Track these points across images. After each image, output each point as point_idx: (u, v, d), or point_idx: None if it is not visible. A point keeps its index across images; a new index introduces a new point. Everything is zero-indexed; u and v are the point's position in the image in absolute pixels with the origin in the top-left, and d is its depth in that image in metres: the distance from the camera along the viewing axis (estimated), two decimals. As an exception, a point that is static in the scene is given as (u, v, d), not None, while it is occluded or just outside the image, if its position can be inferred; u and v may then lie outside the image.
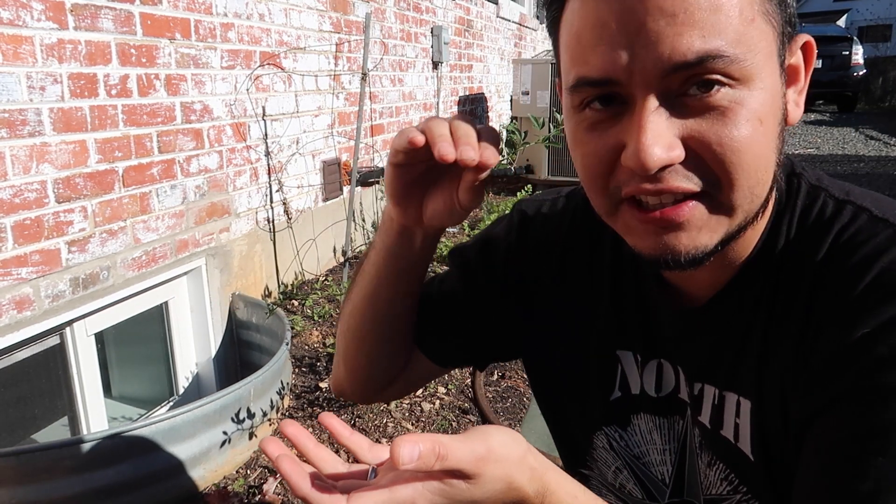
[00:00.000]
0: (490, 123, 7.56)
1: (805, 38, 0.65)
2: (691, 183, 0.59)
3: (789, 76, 0.64)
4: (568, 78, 0.62)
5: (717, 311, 0.73)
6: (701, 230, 0.61)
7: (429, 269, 0.86)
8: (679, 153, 0.58)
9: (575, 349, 0.86)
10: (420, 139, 0.67)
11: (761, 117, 0.58)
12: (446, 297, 0.92)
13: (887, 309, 0.59)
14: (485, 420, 2.55)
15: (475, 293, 0.91)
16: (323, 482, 0.56)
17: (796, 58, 0.65)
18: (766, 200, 0.65)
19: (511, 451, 0.58)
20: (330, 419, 0.64)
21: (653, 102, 0.57)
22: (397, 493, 0.52)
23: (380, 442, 2.35)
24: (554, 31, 0.67)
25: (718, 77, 0.56)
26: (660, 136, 0.57)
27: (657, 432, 0.82)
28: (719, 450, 0.75)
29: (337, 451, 2.28)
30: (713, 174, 0.59)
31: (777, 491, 0.70)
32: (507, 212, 0.97)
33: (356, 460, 0.64)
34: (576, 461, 0.91)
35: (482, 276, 0.91)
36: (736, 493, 0.75)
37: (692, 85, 0.57)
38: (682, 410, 0.79)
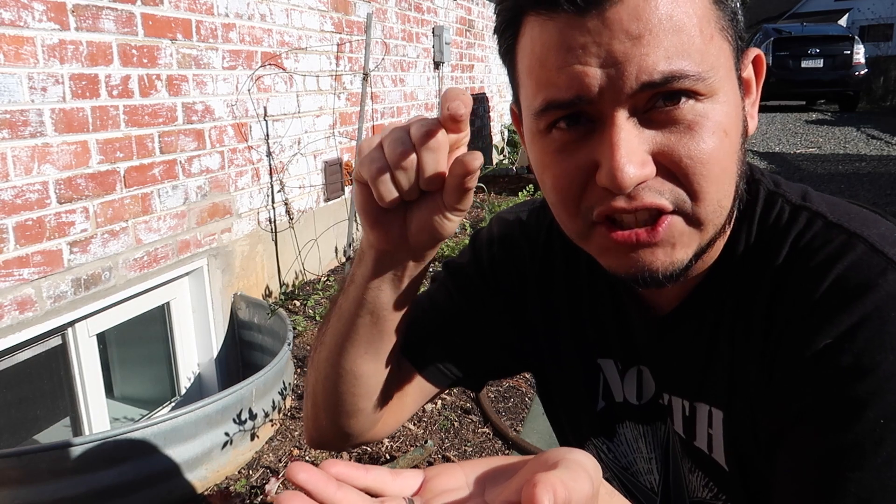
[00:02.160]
0: (492, 123, 7.56)
1: (755, 52, 0.67)
2: (664, 199, 0.59)
3: (745, 88, 0.66)
4: (534, 103, 0.62)
5: (681, 320, 0.73)
6: (675, 246, 0.61)
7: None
8: (651, 169, 0.58)
9: (559, 358, 0.86)
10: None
11: (726, 129, 0.59)
12: (442, 315, 0.88)
13: (845, 317, 0.58)
14: (486, 420, 2.55)
15: (467, 308, 0.88)
16: None
17: (748, 71, 0.67)
18: (731, 212, 0.65)
19: (599, 477, 0.51)
20: (336, 467, 0.51)
21: (623, 119, 0.58)
22: None
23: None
24: (510, 59, 0.66)
25: (684, 93, 0.58)
26: (633, 154, 0.57)
27: (642, 440, 0.82)
28: (695, 459, 0.75)
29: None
30: (683, 187, 0.59)
31: (755, 500, 0.69)
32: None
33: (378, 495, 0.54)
34: None
35: (471, 290, 0.89)
36: (717, 500, 0.75)
37: (659, 99, 0.58)
38: (663, 416, 0.79)
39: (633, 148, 0.57)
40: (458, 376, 0.89)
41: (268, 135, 3.33)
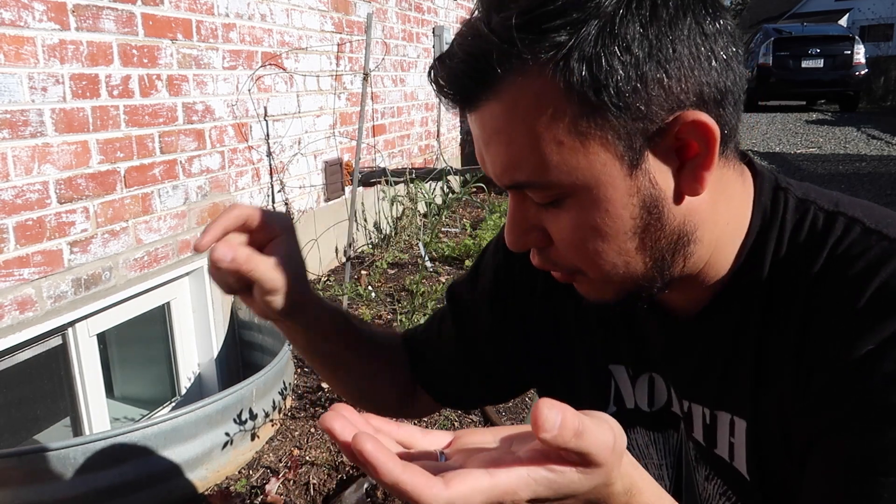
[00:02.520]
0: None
1: (692, 116, 0.58)
2: (557, 268, 0.66)
3: (680, 155, 0.60)
4: None
5: (701, 329, 0.72)
6: (598, 289, 0.67)
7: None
8: (535, 238, 0.65)
9: (569, 364, 0.85)
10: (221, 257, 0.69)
11: (596, 225, 0.61)
12: (444, 338, 0.93)
13: (889, 324, 0.57)
14: (486, 420, 2.55)
15: (471, 331, 0.91)
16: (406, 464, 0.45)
17: (679, 139, 0.59)
18: (671, 258, 0.64)
19: (623, 442, 0.50)
20: (371, 418, 0.52)
21: (512, 198, 0.64)
22: (498, 477, 0.44)
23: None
24: None
25: (543, 198, 0.62)
26: (515, 226, 0.65)
27: (653, 447, 0.81)
28: (715, 467, 0.74)
29: (339, 456, 2.28)
30: (573, 262, 0.65)
31: None
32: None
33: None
34: None
35: (475, 308, 0.91)
36: None
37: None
38: (675, 424, 0.78)
39: (515, 220, 0.65)
40: (480, 399, 0.99)
41: (268, 135, 3.33)
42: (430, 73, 0.63)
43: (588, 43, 0.54)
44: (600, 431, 0.46)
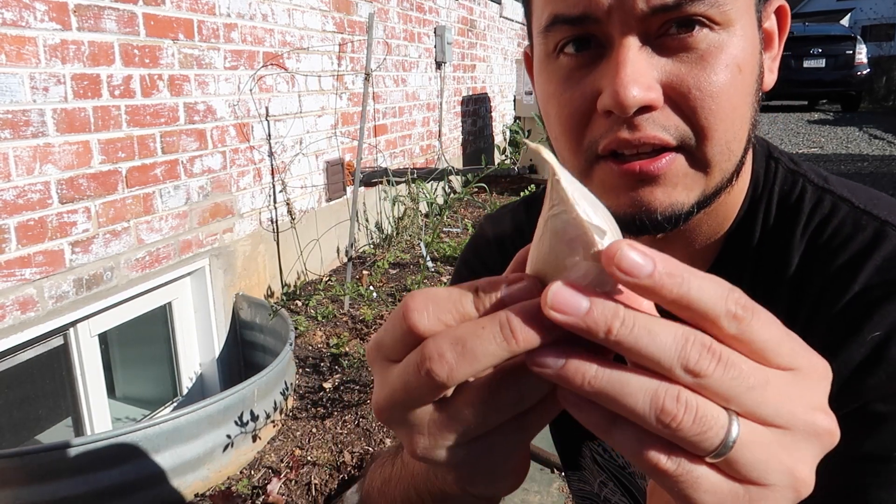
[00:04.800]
0: (493, 124, 7.56)
1: (779, 1, 0.63)
2: (668, 134, 0.56)
3: (765, 40, 0.62)
4: (541, 20, 0.59)
5: None
6: (677, 186, 0.58)
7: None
8: (657, 96, 0.55)
9: None
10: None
11: (740, 64, 0.56)
12: None
13: (892, 308, 0.57)
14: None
15: None
16: None
17: (770, 22, 0.63)
18: (741, 164, 0.61)
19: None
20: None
21: (633, 43, 0.54)
22: None
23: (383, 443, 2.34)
24: None
25: (699, 18, 0.54)
26: (640, 75, 0.54)
27: None
28: None
29: (341, 450, 2.28)
30: (690, 123, 0.56)
31: None
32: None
33: None
34: (569, 462, 0.91)
35: None
36: None
37: (672, 25, 0.55)
38: None
39: (639, 69, 0.54)
40: None
41: (269, 135, 3.33)
42: None
43: None
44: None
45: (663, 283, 0.31)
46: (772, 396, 0.31)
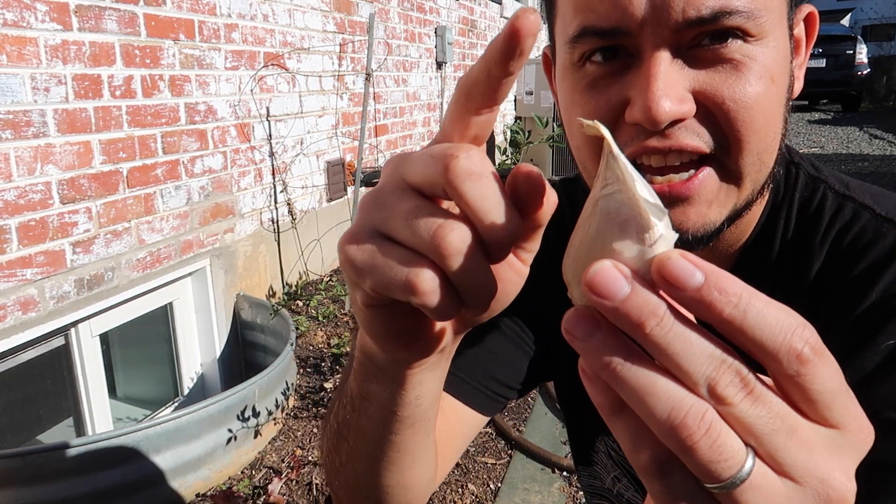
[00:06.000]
0: (494, 124, 7.54)
1: (809, 8, 0.63)
2: (701, 141, 0.54)
3: (794, 46, 0.62)
4: (569, 29, 0.57)
5: None
6: (711, 204, 0.56)
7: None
8: (690, 108, 0.54)
9: (571, 353, 0.82)
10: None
11: (773, 76, 0.55)
12: (477, 343, 0.80)
13: None
14: (492, 420, 2.55)
15: (494, 329, 0.81)
16: None
17: (799, 29, 0.63)
18: (771, 175, 0.60)
19: None
20: None
21: (664, 55, 0.53)
22: None
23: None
24: None
25: (734, 30, 0.53)
26: (671, 88, 0.52)
27: None
28: None
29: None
30: (723, 133, 0.55)
31: None
32: None
33: None
34: (581, 458, 0.91)
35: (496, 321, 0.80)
36: None
37: (705, 37, 0.54)
38: None
39: (671, 82, 0.53)
40: (506, 398, 0.82)
41: (270, 135, 3.33)
42: None
43: None
44: None
45: (713, 300, 0.28)
46: (795, 446, 0.29)
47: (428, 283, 0.34)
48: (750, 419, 0.28)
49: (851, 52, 12.63)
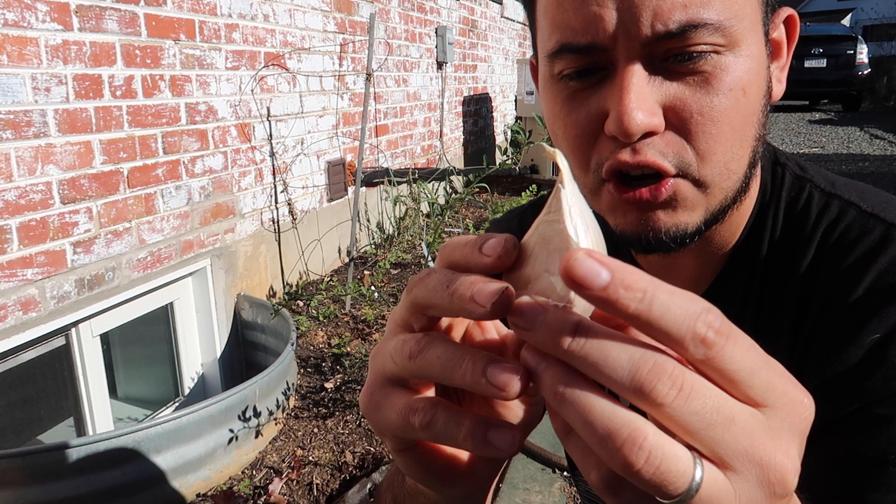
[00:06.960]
0: (495, 124, 7.56)
1: (788, 11, 0.64)
2: (666, 162, 0.56)
3: (773, 50, 0.63)
4: (548, 45, 0.59)
5: None
6: (677, 209, 0.58)
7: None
8: (660, 121, 0.55)
9: None
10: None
11: (745, 86, 0.56)
12: None
13: (893, 311, 0.57)
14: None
15: None
16: None
17: (779, 32, 0.63)
18: (748, 179, 0.62)
19: None
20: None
21: (637, 68, 0.55)
22: None
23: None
24: (530, 2, 0.64)
25: (702, 47, 0.54)
26: (643, 101, 0.54)
27: None
28: None
29: (344, 450, 2.28)
30: (690, 146, 0.56)
31: None
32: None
33: None
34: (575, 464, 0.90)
35: None
36: None
37: (676, 55, 0.55)
38: None
39: (643, 95, 0.54)
40: None
41: (271, 135, 3.33)
42: None
43: None
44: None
45: (619, 297, 0.28)
46: (733, 436, 0.29)
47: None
48: (684, 416, 0.28)
49: (852, 52, 12.63)
